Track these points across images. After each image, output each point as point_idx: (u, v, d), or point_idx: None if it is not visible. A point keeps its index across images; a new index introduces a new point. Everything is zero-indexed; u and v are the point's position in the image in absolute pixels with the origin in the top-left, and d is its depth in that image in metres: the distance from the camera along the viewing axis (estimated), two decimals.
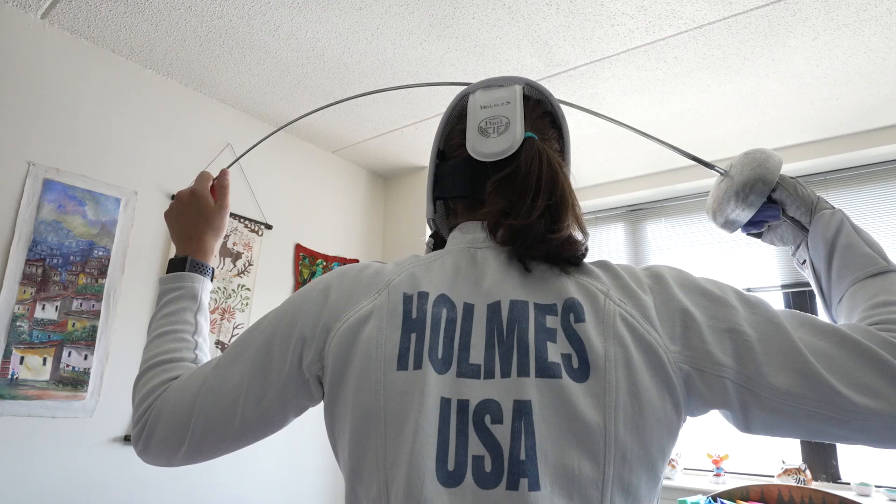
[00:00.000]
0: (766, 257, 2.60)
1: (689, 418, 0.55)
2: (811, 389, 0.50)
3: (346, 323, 0.57)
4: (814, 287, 0.72)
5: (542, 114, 0.67)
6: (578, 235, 0.59)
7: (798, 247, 0.77)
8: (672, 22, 1.72)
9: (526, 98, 0.66)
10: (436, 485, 0.49)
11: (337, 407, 0.57)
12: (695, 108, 2.22)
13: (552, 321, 0.54)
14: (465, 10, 1.69)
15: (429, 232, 0.72)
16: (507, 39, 1.82)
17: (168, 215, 0.79)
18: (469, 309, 0.56)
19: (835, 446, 2.34)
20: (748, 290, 2.58)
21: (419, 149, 2.70)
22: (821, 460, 2.37)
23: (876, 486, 2.18)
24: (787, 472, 2.33)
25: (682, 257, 2.81)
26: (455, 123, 0.69)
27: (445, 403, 0.52)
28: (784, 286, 2.54)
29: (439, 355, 0.54)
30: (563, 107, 0.72)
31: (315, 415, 2.51)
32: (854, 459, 2.31)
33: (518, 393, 0.51)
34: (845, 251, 0.66)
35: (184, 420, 0.60)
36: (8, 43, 1.74)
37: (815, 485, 2.27)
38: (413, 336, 0.55)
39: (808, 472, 2.29)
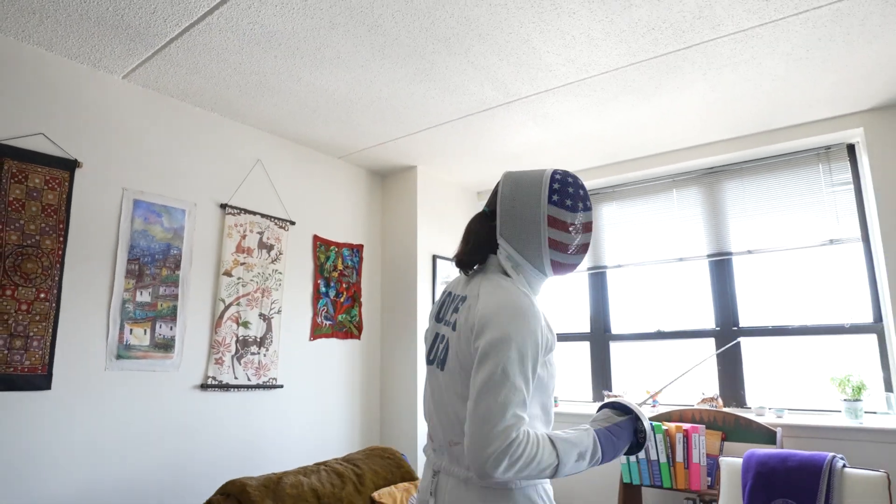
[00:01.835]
0: (694, 232, 3.22)
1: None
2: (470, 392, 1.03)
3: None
4: None
5: (494, 192, 1.22)
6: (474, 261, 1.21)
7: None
8: (594, 67, 2.29)
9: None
10: (427, 364, 1.25)
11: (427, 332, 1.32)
12: (628, 120, 2.80)
13: (459, 302, 1.19)
14: (440, 64, 2.27)
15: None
16: (473, 81, 2.40)
17: None
18: (455, 297, 1.23)
19: (743, 379, 3.02)
20: (680, 259, 3.23)
21: (408, 154, 3.30)
22: (732, 391, 3.06)
23: (769, 408, 2.87)
24: (704, 400, 3.01)
25: (631, 232, 3.43)
26: None
27: (435, 335, 1.24)
28: (709, 255, 3.17)
29: (440, 316, 1.25)
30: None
31: (338, 371, 3.19)
32: (759, 390, 2.99)
33: (446, 332, 1.19)
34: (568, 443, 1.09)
35: None
36: (100, 98, 2.33)
37: (726, 409, 2.95)
38: (439, 307, 1.28)
39: (719, 399, 2.98)
